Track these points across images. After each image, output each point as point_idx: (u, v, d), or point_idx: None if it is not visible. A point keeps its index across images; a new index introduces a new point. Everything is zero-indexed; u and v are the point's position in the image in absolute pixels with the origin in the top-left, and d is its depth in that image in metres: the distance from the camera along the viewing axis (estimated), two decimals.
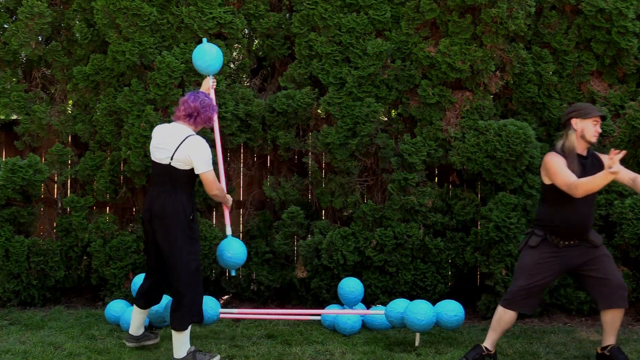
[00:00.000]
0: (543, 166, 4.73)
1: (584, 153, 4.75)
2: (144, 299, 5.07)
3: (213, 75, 5.55)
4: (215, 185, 4.86)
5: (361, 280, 6.00)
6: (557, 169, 4.59)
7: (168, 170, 4.73)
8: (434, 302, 5.50)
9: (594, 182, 4.39)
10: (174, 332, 4.76)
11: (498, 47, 6.21)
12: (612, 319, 4.78)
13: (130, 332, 5.16)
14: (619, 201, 6.11)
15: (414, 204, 6.18)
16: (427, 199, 6.22)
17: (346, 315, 5.63)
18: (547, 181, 4.72)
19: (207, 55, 5.50)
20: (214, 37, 6.44)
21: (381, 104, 6.32)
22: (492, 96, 6.36)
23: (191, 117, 4.81)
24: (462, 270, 6.43)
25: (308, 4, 6.36)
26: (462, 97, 6.29)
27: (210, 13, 6.32)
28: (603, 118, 4.76)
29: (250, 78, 6.94)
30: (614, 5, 6.07)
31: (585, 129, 4.68)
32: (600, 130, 4.72)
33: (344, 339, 5.49)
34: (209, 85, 5.46)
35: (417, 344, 5.34)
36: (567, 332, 5.83)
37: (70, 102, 6.91)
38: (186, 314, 4.73)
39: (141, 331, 5.17)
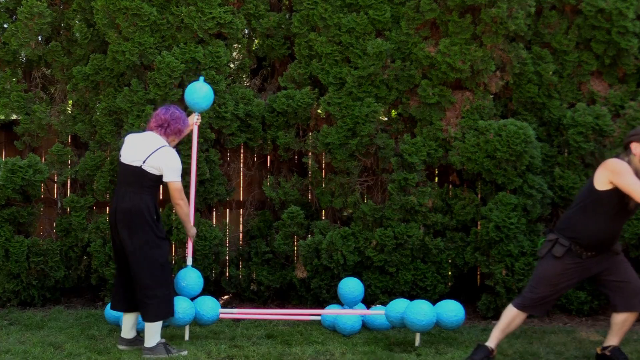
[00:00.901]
0: (606, 169, 4.54)
1: None
2: (126, 302, 5.16)
3: (199, 113, 5.67)
4: (181, 195, 5.13)
5: (361, 280, 5.99)
6: (627, 171, 4.46)
7: (138, 172, 5.01)
8: (434, 302, 5.50)
9: None
10: (146, 323, 4.99)
11: (498, 47, 6.21)
12: (624, 321, 4.75)
13: (122, 335, 5.18)
14: None
15: (414, 204, 6.18)
16: (427, 199, 6.21)
17: (346, 315, 5.63)
18: (603, 187, 4.54)
19: (197, 94, 5.62)
20: (214, 37, 6.45)
21: (381, 104, 6.32)
22: (492, 96, 6.36)
23: (162, 127, 5.12)
24: (462, 270, 6.43)
25: (308, 4, 6.36)
26: (462, 97, 6.28)
27: (210, 13, 6.32)
28: None
29: (250, 78, 6.95)
30: (614, 5, 6.07)
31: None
32: None
33: (344, 339, 5.49)
34: (193, 121, 5.61)
35: (417, 344, 5.34)
36: (567, 332, 5.83)
37: (70, 102, 6.91)
38: (158, 306, 4.97)
39: (133, 334, 5.18)
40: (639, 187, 4.39)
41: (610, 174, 4.50)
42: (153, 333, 4.99)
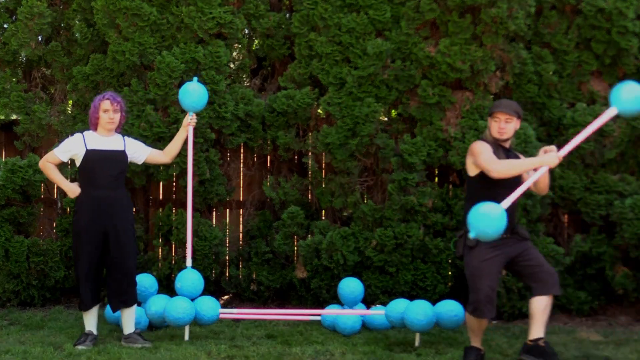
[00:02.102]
0: (468, 153, 4.76)
1: (507, 146, 4.79)
2: (115, 300, 5.31)
3: (193, 113, 5.60)
4: (43, 159, 5.33)
5: (361, 280, 5.99)
6: (481, 149, 4.65)
7: None
8: (434, 302, 5.50)
9: (518, 164, 4.58)
10: None
11: (498, 47, 6.21)
12: (545, 307, 4.66)
13: (124, 332, 5.28)
14: (619, 201, 6.11)
15: (414, 204, 6.18)
16: (427, 199, 6.21)
17: (346, 315, 5.63)
18: (472, 172, 4.75)
19: (188, 95, 5.56)
20: (214, 37, 6.45)
21: (381, 104, 6.32)
22: (492, 96, 6.35)
23: None
24: (462, 270, 6.42)
25: (308, 4, 6.36)
26: (462, 97, 6.28)
27: (210, 13, 6.32)
28: (518, 115, 4.73)
29: (250, 78, 6.94)
30: (614, 5, 6.07)
31: (490, 126, 4.77)
32: (503, 127, 4.69)
33: (344, 339, 5.49)
34: (187, 122, 5.57)
35: (417, 344, 5.34)
36: (567, 332, 5.83)
37: (70, 102, 6.91)
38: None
39: (128, 330, 5.26)
40: (489, 161, 4.57)
41: (471, 157, 4.73)
42: (84, 321, 5.25)
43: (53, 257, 6.48)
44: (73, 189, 5.22)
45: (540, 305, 4.66)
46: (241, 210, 7.03)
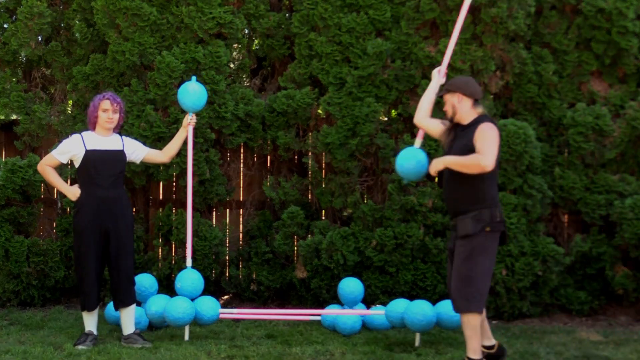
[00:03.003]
0: None
1: (464, 122, 4.69)
2: (114, 299, 5.36)
3: (192, 113, 5.57)
4: (42, 162, 5.32)
5: (361, 280, 5.99)
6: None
7: None
8: (434, 302, 5.50)
9: (422, 99, 4.99)
10: None
11: (498, 47, 6.21)
12: (461, 324, 4.54)
13: (124, 332, 5.29)
14: (619, 201, 6.11)
15: (414, 204, 6.18)
16: (427, 199, 6.21)
17: (346, 315, 5.63)
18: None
19: (187, 95, 5.52)
20: (214, 37, 6.45)
21: (381, 104, 6.32)
22: (492, 96, 6.35)
23: None
24: None
25: (308, 4, 6.36)
26: None
27: (210, 13, 6.32)
28: (447, 90, 4.75)
29: (250, 78, 6.95)
30: (614, 5, 6.07)
31: None
32: (445, 108, 4.75)
33: (344, 339, 5.49)
34: (187, 122, 5.54)
35: (417, 344, 5.34)
36: (567, 332, 5.83)
37: (70, 102, 6.91)
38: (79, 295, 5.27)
39: (128, 330, 5.27)
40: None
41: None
42: (84, 321, 5.25)
43: (53, 257, 6.48)
44: (73, 192, 5.22)
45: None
46: (241, 210, 7.04)
